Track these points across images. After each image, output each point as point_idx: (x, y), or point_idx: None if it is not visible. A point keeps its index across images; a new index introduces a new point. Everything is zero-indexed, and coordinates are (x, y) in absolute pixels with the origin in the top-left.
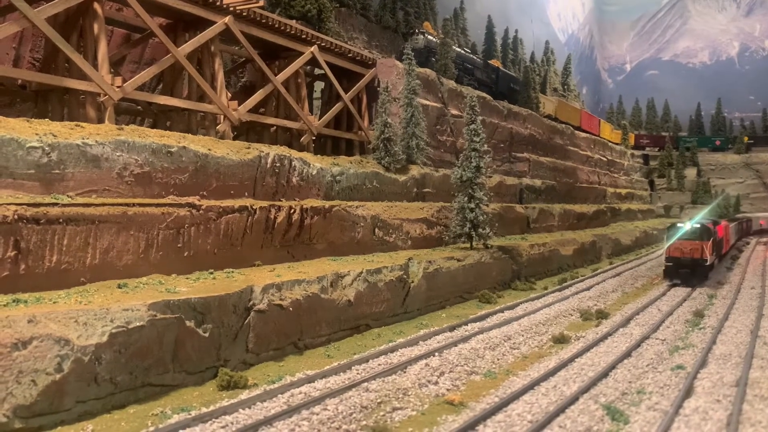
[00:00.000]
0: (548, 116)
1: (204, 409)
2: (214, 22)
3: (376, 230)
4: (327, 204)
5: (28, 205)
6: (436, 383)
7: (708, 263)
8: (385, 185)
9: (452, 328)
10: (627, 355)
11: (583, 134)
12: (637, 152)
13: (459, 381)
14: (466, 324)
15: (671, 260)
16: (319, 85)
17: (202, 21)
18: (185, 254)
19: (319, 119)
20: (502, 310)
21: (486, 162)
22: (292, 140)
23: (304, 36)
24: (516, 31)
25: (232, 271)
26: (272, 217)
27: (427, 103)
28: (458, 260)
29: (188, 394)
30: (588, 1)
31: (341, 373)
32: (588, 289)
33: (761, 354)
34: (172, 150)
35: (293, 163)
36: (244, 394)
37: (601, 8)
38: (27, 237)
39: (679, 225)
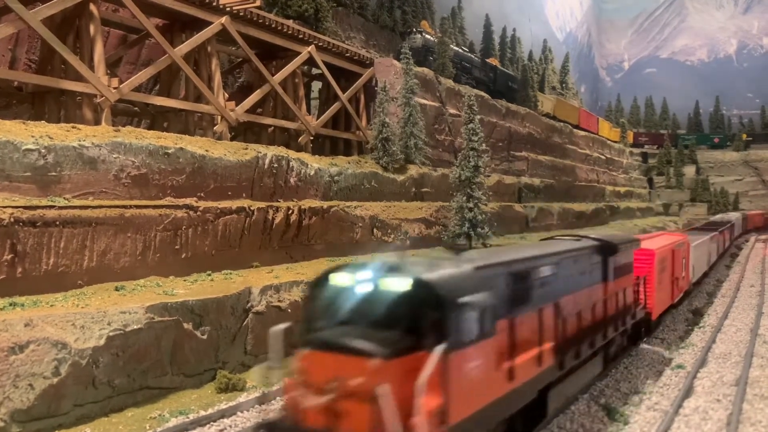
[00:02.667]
0: (546, 115)
1: (202, 412)
2: (211, 23)
3: (375, 230)
4: (325, 204)
5: (25, 207)
6: None
7: None
8: (383, 185)
9: None
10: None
11: (582, 132)
12: (635, 150)
13: None
14: None
15: None
16: (316, 85)
17: (198, 21)
18: (183, 256)
19: (317, 119)
20: None
21: (484, 161)
22: (289, 140)
23: (301, 36)
24: (514, 30)
25: (230, 273)
26: (270, 218)
27: (425, 102)
28: None
29: (186, 396)
30: None
31: None
32: None
33: (761, 353)
34: (169, 151)
35: (291, 163)
36: (243, 397)
37: (599, 6)
38: (23, 240)
39: (339, 281)
